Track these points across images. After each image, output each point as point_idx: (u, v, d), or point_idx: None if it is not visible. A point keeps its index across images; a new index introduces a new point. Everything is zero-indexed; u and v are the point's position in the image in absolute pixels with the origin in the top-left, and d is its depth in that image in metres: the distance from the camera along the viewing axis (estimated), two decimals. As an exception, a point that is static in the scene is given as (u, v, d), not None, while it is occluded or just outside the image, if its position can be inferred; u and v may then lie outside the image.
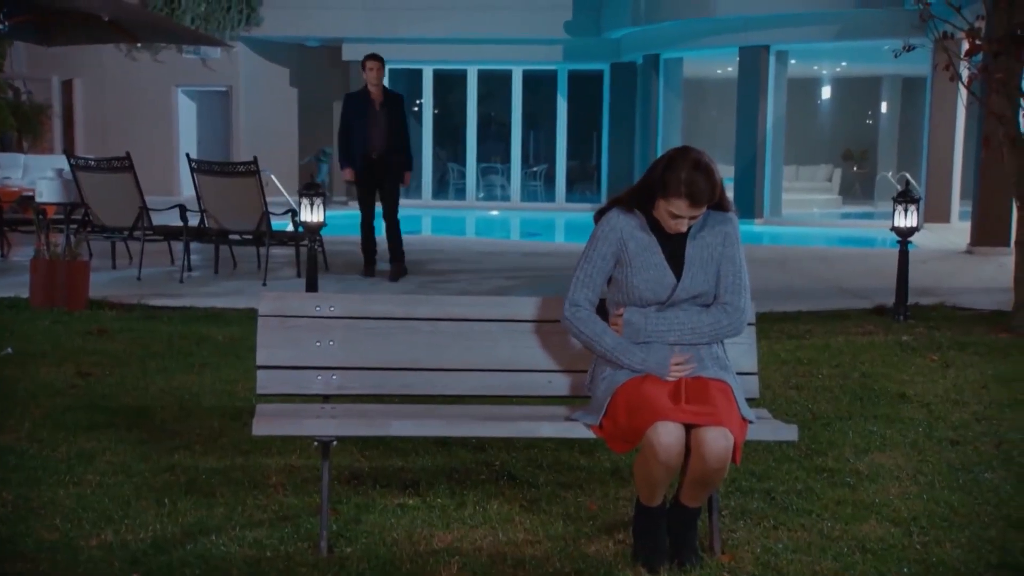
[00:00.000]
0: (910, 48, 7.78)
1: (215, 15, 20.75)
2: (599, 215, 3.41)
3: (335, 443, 3.42)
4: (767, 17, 16.58)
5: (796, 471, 4.12)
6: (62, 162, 11.28)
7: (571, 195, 22.04)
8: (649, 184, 3.28)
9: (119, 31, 10.38)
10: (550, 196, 22.15)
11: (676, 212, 3.22)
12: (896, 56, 8.01)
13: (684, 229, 3.28)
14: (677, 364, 3.24)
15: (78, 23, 10.16)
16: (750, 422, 3.23)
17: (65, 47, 14.73)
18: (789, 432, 3.36)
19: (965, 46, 7.72)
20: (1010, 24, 7.19)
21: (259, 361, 3.52)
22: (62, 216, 9.83)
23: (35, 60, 20.96)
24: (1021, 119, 7.35)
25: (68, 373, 5.57)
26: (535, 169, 22.76)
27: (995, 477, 4.08)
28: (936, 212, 15.96)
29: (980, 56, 7.56)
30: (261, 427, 3.32)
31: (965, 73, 7.91)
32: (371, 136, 9.46)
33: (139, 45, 19.13)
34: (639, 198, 3.33)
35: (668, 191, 3.20)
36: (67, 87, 22.18)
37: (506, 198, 22.22)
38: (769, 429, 3.37)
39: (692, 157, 3.21)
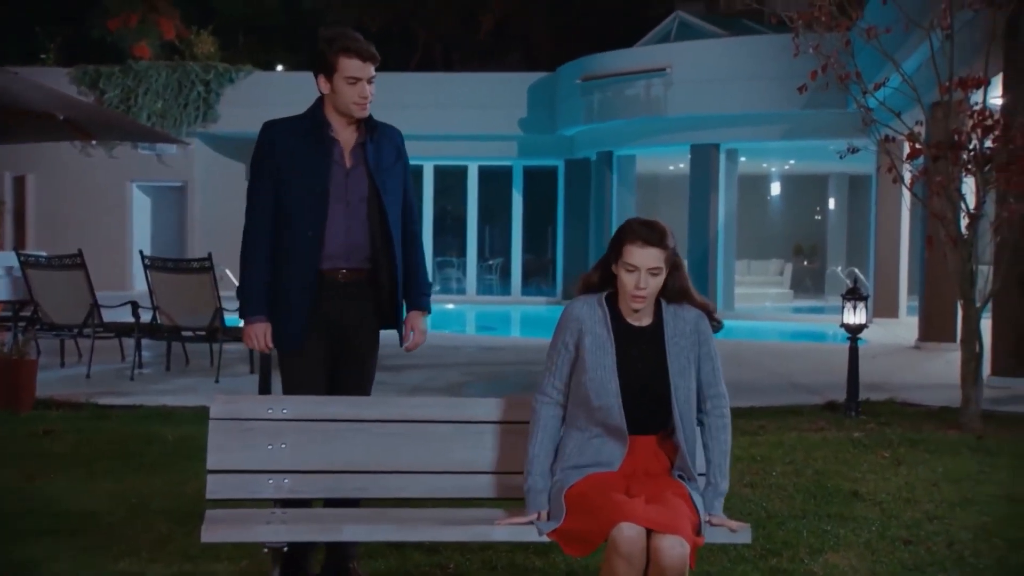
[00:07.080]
0: (855, 150, 8.00)
1: (171, 112, 20.90)
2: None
3: (286, 548, 3.36)
4: (717, 117, 17.02)
5: (751, 572, 4.10)
6: (12, 259, 11.17)
7: (527, 288, 22.20)
8: (607, 259, 3.34)
9: (74, 129, 10.36)
10: (506, 290, 22.27)
11: (632, 262, 3.23)
12: (841, 157, 8.22)
13: (642, 295, 3.24)
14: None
15: (32, 121, 10.13)
16: (705, 523, 3.23)
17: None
18: (743, 534, 3.36)
19: (907, 149, 7.96)
20: (948, 130, 7.44)
21: (209, 465, 3.48)
22: (10, 314, 9.70)
23: (-13, 156, 20.89)
24: (962, 221, 7.55)
25: (11, 477, 5.44)
26: (491, 263, 22.92)
27: (948, 577, 4.09)
28: (884, 307, 16.23)
29: (921, 159, 7.79)
30: (211, 533, 3.27)
31: (908, 175, 8.14)
32: (335, 232, 3.95)
33: (94, 143, 19.13)
34: (602, 279, 3.37)
35: (622, 241, 3.26)
36: (19, 183, 22.07)
37: (462, 291, 22.31)
38: (724, 530, 3.37)
39: (637, 217, 3.39)
